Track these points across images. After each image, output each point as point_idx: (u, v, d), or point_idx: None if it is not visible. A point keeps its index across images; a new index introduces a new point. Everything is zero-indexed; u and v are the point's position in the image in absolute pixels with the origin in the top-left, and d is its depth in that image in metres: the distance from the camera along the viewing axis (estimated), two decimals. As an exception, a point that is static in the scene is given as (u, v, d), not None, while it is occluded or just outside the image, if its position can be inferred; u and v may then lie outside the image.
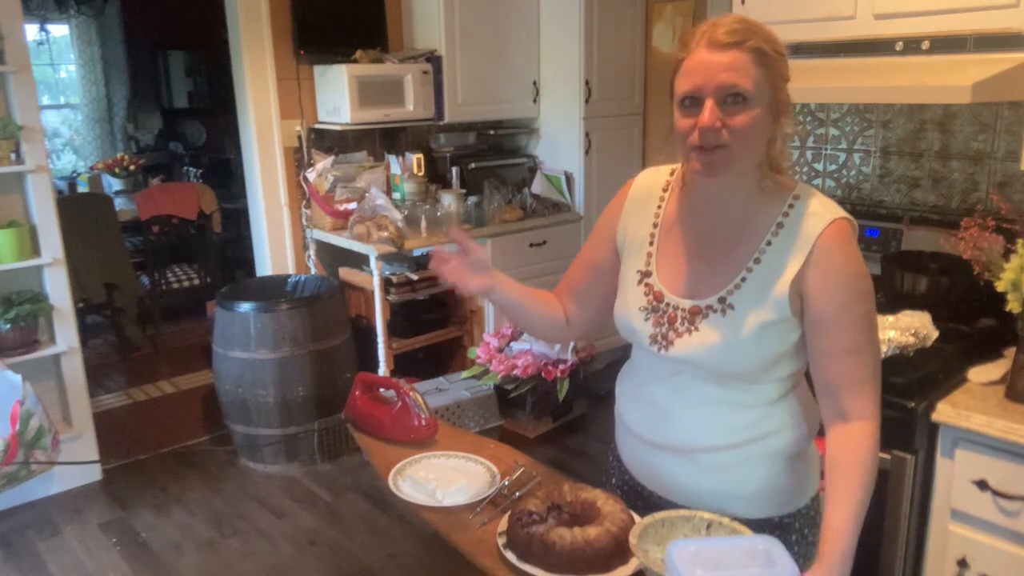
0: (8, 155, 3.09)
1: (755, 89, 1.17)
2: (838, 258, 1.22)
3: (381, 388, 1.84)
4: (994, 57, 1.85)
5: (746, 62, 1.16)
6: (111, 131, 7.59)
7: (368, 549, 2.97)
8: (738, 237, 1.28)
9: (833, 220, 1.23)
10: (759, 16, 2.25)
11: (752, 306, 1.24)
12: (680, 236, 1.34)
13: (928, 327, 1.97)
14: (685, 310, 1.29)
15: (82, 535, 3.10)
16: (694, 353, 1.27)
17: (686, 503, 1.35)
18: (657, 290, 1.33)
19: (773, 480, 1.32)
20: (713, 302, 1.27)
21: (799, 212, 1.24)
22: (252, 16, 3.63)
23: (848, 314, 1.22)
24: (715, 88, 1.17)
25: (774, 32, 1.21)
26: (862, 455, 1.22)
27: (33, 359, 3.24)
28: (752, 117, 1.18)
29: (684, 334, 1.28)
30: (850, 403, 1.24)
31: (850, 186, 2.67)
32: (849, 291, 1.22)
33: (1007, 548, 1.75)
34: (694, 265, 1.31)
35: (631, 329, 1.36)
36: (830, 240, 1.22)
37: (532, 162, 4.31)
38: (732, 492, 1.33)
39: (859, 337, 1.23)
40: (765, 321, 1.24)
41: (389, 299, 3.68)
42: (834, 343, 1.23)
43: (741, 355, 1.25)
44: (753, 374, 1.27)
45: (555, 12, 4.07)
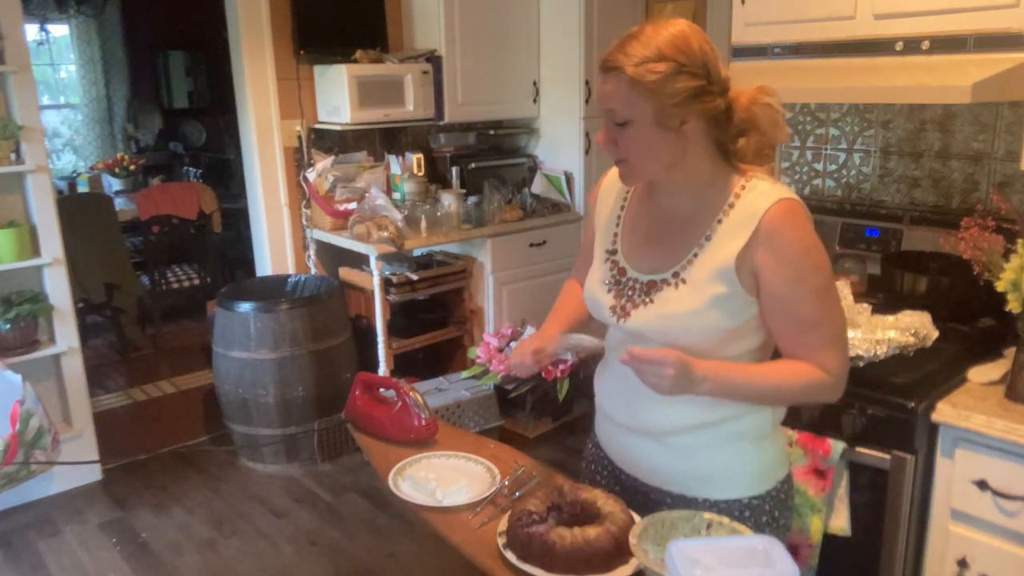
0: (8, 155, 3.09)
1: (631, 111, 1.26)
2: (785, 235, 1.28)
3: (381, 388, 1.84)
4: (994, 57, 1.85)
5: (621, 88, 1.25)
6: (111, 131, 7.59)
7: (368, 549, 2.97)
8: (692, 218, 1.36)
9: (779, 200, 1.29)
10: (759, 16, 2.27)
11: (702, 279, 1.32)
12: (642, 218, 1.44)
13: (928, 327, 1.97)
14: (643, 283, 1.39)
15: (82, 535, 3.10)
16: (648, 323, 1.36)
17: (660, 485, 1.43)
18: (621, 266, 1.43)
19: (740, 462, 1.40)
20: (668, 276, 1.36)
21: (748, 194, 1.32)
22: (252, 16, 3.63)
23: (801, 288, 1.28)
24: (604, 111, 1.30)
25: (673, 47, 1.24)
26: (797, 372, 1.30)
27: (33, 359, 3.24)
28: (633, 136, 1.28)
29: (640, 305, 1.37)
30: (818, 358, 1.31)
31: (850, 186, 2.67)
32: (799, 266, 1.28)
33: (1007, 548, 1.75)
34: (653, 244, 1.40)
35: (596, 301, 1.45)
36: (776, 218, 1.28)
37: (532, 162, 4.31)
38: (701, 474, 1.40)
39: (815, 309, 1.29)
40: (717, 294, 1.30)
41: (389, 299, 3.68)
42: (791, 317, 1.30)
43: (690, 325, 1.32)
44: (708, 348, 1.32)
45: (555, 12, 4.07)
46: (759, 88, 1.31)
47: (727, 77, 1.30)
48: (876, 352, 1.90)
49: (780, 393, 1.35)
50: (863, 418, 1.86)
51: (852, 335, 1.93)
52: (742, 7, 2.32)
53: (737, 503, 1.39)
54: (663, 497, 1.43)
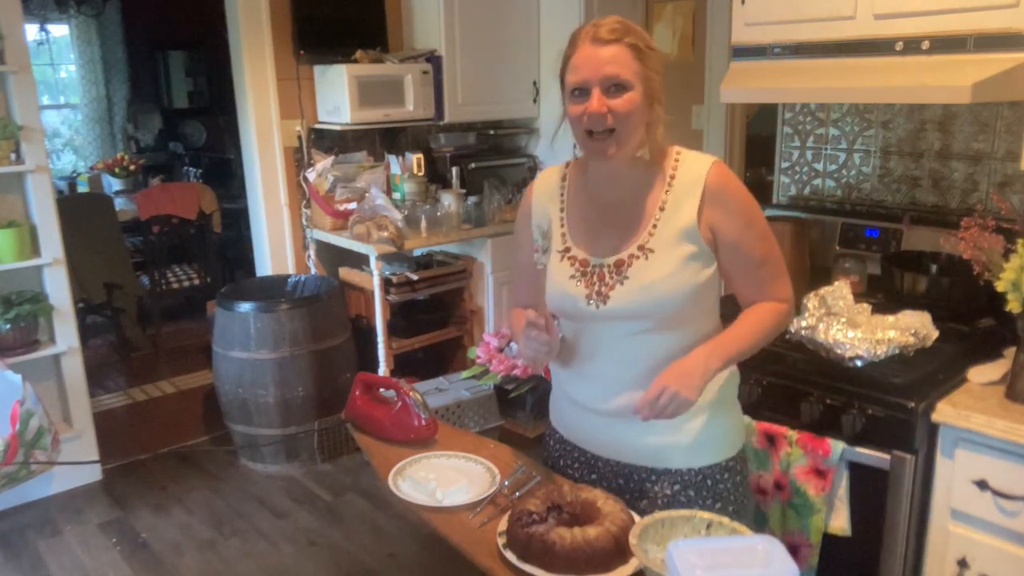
0: (8, 155, 3.09)
1: (634, 78, 1.36)
2: (730, 190, 1.44)
3: (381, 388, 1.84)
4: (994, 57, 1.85)
5: (626, 55, 1.36)
6: (111, 131, 7.59)
7: (368, 549, 2.97)
8: (639, 198, 1.46)
9: (713, 162, 1.44)
10: (759, 16, 2.27)
11: (669, 244, 1.42)
12: (587, 211, 1.51)
13: (928, 327, 1.97)
14: (611, 265, 1.45)
15: (82, 535, 3.10)
16: (630, 298, 1.42)
17: (642, 463, 1.50)
18: (581, 258, 1.48)
19: (719, 427, 1.51)
20: (634, 250, 1.44)
21: (683, 165, 1.45)
22: (252, 16, 3.63)
23: (751, 232, 1.44)
24: (600, 79, 1.36)
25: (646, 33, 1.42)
26: (764, 313, 1.46)
27: (33, 359, 3.24)
28: (631, 101, 1.36)
29: (615, 285, 1.44)
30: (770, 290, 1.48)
31: (850, 186, 2.67)
32: (746, 214, 1.44)
33: (1007, 548, 1.75)
34: (606, 230, 1.48)
35: (566, 296, 1.48)
36: (718, 177, 1.43)
37: (532, 162, 4.31)
38: (684, 445, 1.48)
39: (765, 247, 1.46)
40: (688, 253, 1.42)
41: (389, 299, 3.68)
42: (747, 258, 1.45)
43: (670, 289, 1.41)
44: (684, 311, 1.43)
45: (555, 12, 4.07)
46: None
47: None
48: (876, 352, 1.90)
49: (764, 335, 1.46)
50: (863, 418, 1.86)
51: (852, 335, 1.93)
52: (742, 7, 2.31)
53: (718, 466, 1.50)
54: (647, 475, 1.50)
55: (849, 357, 1.91)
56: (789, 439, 1.94)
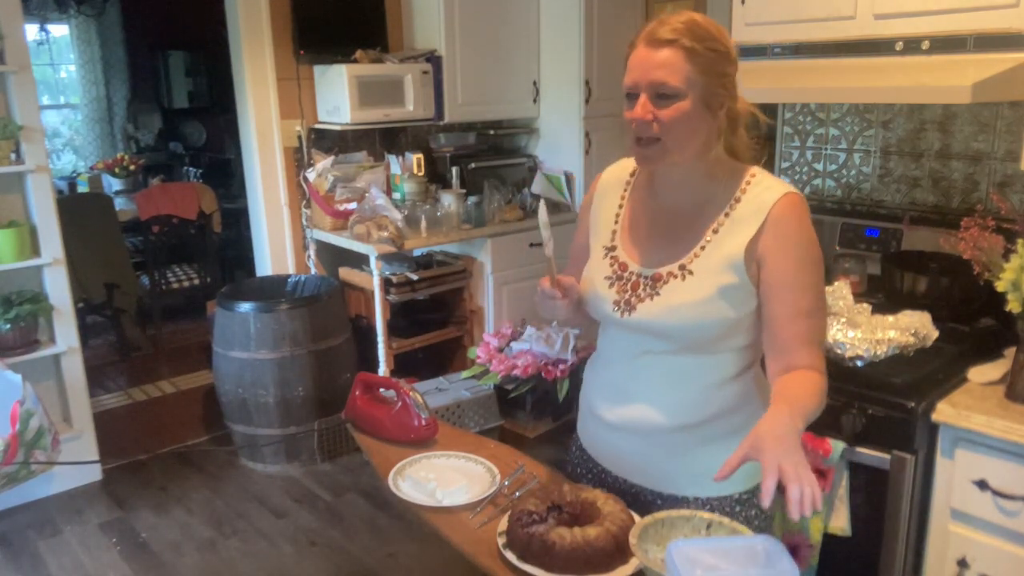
0: (8, 155, 3.09)
1: (684, 85, 1.25)
2: (791, 226, 1.30)
3: (381, 388, 1.84)
4: (994, 57, 1.85)
5: (678, 59, 1.24)
6: (111, 131, 7.59)
7: (368, 549, 2.97)
8: (698, 213, 1.36)
9: (785, 193, 1.31)
10: (759, 16, 2.27)
11: (711, 271, 1.32)
12: (643, 214, 1.44)
13: (928, 327, 1.97)
14: (648, 277, 1.37)
15: (82, 535, 3.10)
16: (655, 316, 1.35)
17: (650, 485, 1.43)
18: (622, 261, 1.42)
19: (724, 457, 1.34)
20: (674, 268, 1.35)
21: (755, 188, 1.33)
22: (252, 16, 3.63)
23: (802, 278, 1.30)
24: (648, 83, 1.27)
25: (720, 32, 1.28)
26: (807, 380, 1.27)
27: (33, 359, 3.24)
28: (679, 111, 1.26)
29: (646, 299, 1.36)
30: (799, 361, 1.29)
31: (850, 186, 2.67)
32: (803, 256, 1.30)
33: (1007, 548, 1.75)
34: (656, 239, 1.40)
35: (597, 296, 1.43)
36: (783, 210, 1.29)
37: (532, 162, 4.31)
38: (694, 472, 1.39)
39: (812, 301, 1.30)
40: (724, 284, 1.31)
41: (389, 299, 3.68)
42: (789, 305, 1.30)
43: (696, 316, 1.32)
44: (710, 341, 1.34)
45: (555, 12, 4.06)
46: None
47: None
48: (876, 352, 1.90)
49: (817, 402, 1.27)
50: (863, 418, 1.86)
51: (852, 335, 1.93)
52: (742, 7, 2.32)
53: (729, 499, 1.40)
54: (654, 498, 1.44)
55: (849, 357, 1.91)
56: (789, 439, 1.94)
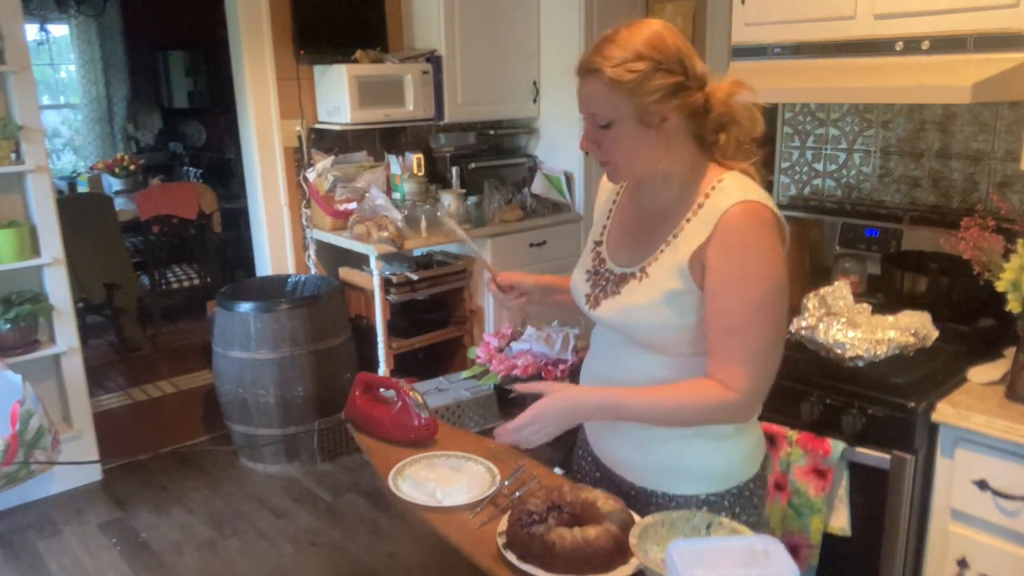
0: (8, 155, 3.09)
1: (612, 113, 1.28)
2: (738, 235, 1.27)
3: (381, 388, 1.84)
4: (994, 57, 1.85)
5: (600, 90, 1.27)
6: (111, 131, 7.59)
7: (368, 549, 2.97)
8: (665, 216, 1.38)
9: (742, 200, 1.27)
10: (759, 16, 2.26)
11: (663, 275, 1.34)
12: (628, 214, 1.48)
13: (928, 327, 1.97)
14: (616, 275, 1.42)
15: (82, 535, 3.10)
16: (611, 313, 1.40)
17: (626, 476, 1.47)
18: (602, 256, 1.47)
19: (700, 459, 1.40)
20: (636, 270, 1.39)
21: (716, 195, 1.31)
22: (252, 16, 3.63)
23: (733, 292, 1.27)
24: (586, 114, 1.32)
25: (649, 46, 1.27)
26: (696, 390, 1.30)
27: (33, 359, 3.24)
28: (615, 137, 1.30)
29: (610, 296, 1.41)
30: (726, 373, 1.28)
31: (850, 186, 2.67)
32: (740, 269, 1.27)
33: (1007, 548, 1.75)
34: (631, 239, 1.44)
35: (576, 288, 1.50)
36: (733, 218, 1.27)
37: (532, 162, 4.31)
38: (660, 468, 1.42)
39: (743, 318, 1.27)
40: (672, 289, 1.32)
41: (389, 299, 3.68)
42: (720, 318, 1.28)
43: (645, 318, 1.35)
44: (661, 341, 1.35)
45: (555, 12, 4.07)
46: (734, 82, 1.33)
47: (704, 72, 1.32)
48: (876, 352, 1.90)
49: (678, 414, 1.32)
50: (863, 418, 1.86)
51: (852, 335, 1.93)
52: (742, 7, 2.31)
53: (694, 498, 1.41)
54: (628, 488, 1.47)
55: (849, 357, 1.91)
56: (789, 439, 1.94)
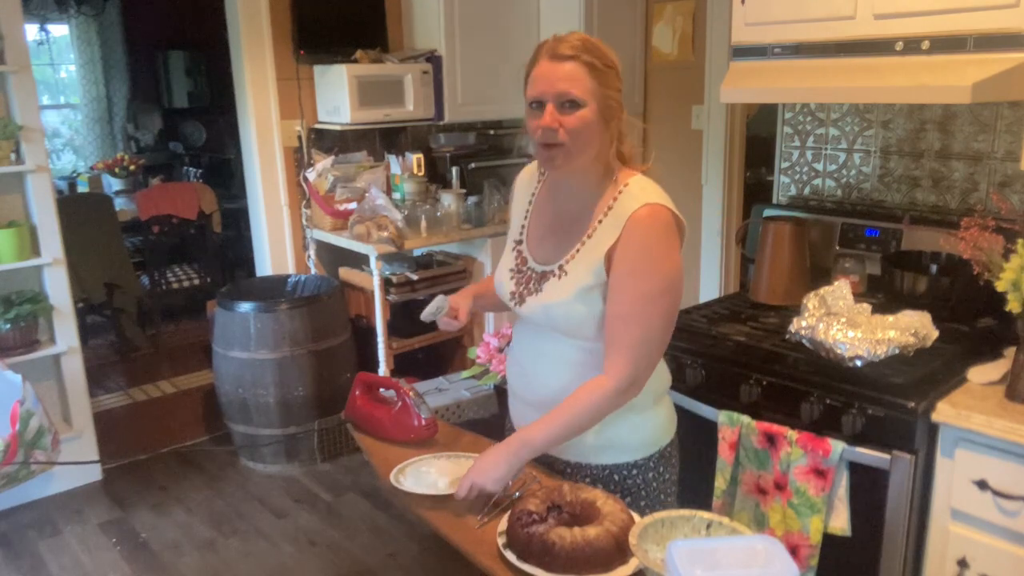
0: (8, 155, 3.09)
1: (587, 96, 1.38)
2: (637, 234, 1.41)
3: (381, 388, 1.84)
4: (994, 57, 1.85)
5: (580, 73, 1.38)
6: (111, 131, 7.59)
7: (368, 549, 2.97)
8: (581, 216, 1.50)
9: (644, 204, 1.42)
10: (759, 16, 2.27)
11: (578, 272, 1.47)
12: (544, 214, 1.58)
13: (928, 327, 1.97)
14: (537, 273, 1.53)
15: (82, 535, 3.10)
16: (536, 309, 1.51)
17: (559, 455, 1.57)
18: (524, 255, 1.58)
19: (629, 431, 1.54)
20: (555, 268, 1.51)
21: (623, 198, 1.45)
22: (252, 16, 3.63)
23: (628, 283, 1.41)
24: (554, 94, 1.39)
25: (608, 49, 1.43)
26: (582, 397, 1.44)
27: (33, 359, 3.24)
28: (582, 119, 1.39)
29: (534, 293, 1.52)
30: (608, 360, 1.44)
31: (850, 186, 2.67)
32: (636, 263, 1.41)
33: (1007, 548, 1.75)
34: (550, 237, 1.55)
35: (501, 286, 1.61)
36: (636, 220, 1.41)
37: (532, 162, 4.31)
38: (596, 444, 1.54)
39: (632, 308, 1.41)
40: (584, 285, 1.45)
41: (389, 299, 3.68)
42: (611, 304, 1.43)
43: (567, 312, 1.47)
44: (582, 332, 1.48)
45: (555, 12, 4.06)
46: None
47: None
48: (876, 352, 1.89)
49: (584, 418, 1.45)
50: (863, 418, 1.86)
51: (852, 335, 1.93)
52: (742, 7, 2.31)
53: (627, 465, 1.56)
54: (563, 466, 1.58)
55: (849, 357, 1.91)
56: (789, 439, 1.94)
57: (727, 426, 2.04)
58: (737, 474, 2.06)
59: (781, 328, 2.16)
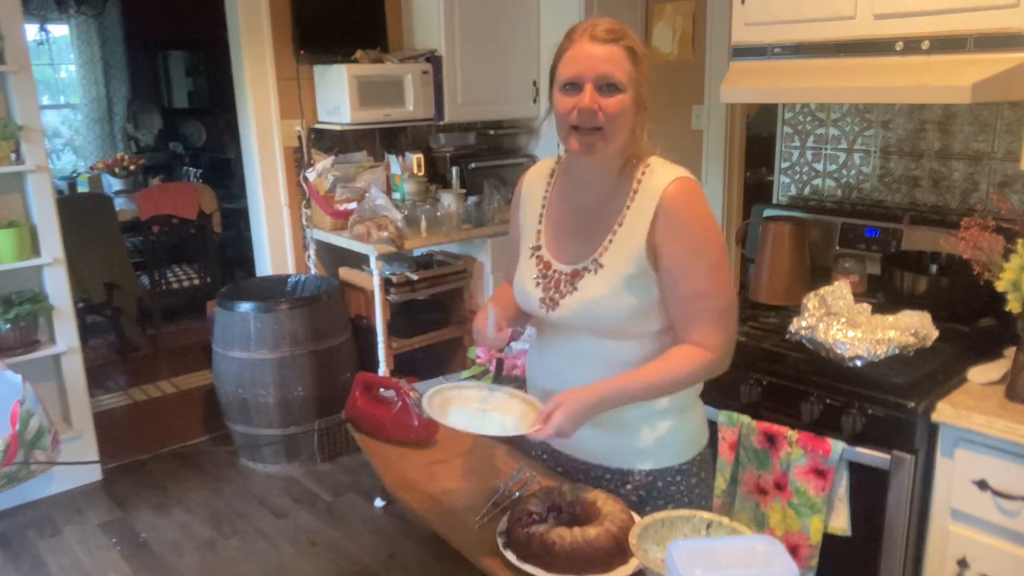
0: (8, 155, 3.09)
1: (627, 80, 1.36)
2: (682, 211, 1.39)
3: (381, 388, 1.84)
4: (994, 57, 1.85)
5: (622, 56, 1.36)
6: (111, 131, 7.59)
7: (368, 549, 2.97)
8: (605, 208, 1.46)
9: (675, 179, 1.40)
10: (759, 16, 2.27)
11: (617, 263, 1.42)
12: (561, 213, 1.53)
13: (928, 327, 1.97)
14: (567, 274, 1.48)
15: (82, 535, 3.10)
16: (574, 309, 1.45)
17: (599, 461, 1.52)
18: (546, 260, 1.52)
19: (669, 434, 1.50)
20: (588, 263, 1.45)
21: (647, 179, 1.43)
22: (252, 16, 3.63)
23: (695, 263, 1.39)
24: (595, 76, 1.35)
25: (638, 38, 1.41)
26: (679, 361, 1.40)
27: (33, 359, 3.24)
28: (621, 103, 1.36)
29: (567, 295, 1.46)
30: (698, 335, 1.41)
31: (850, 186, 2.67)
32: (694, 241, 1.39)
33: (1007, 548, 1.75)
34: (573, 236, 1.50)
35: (527, 296, 1.53)
36: (672, 196, 1.39)
37: (532, 162, 4.30)
38: (636, 448, 1.50)
39: (706, 283, 1.39)
40: (628, 274, 1.41)
41: (389, 299, 3.67)
42: (683, 290, 1.40)
43: (614, 306, 1.41)
44: (626, 327, 1.44)
45: (555, 12, 4.06)
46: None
47: None
48: (876, 352, 1.90)
49: (674, 383, 1.43)
50: (863, 418, 1.86)
51: (852, 335, 1.93)
52: (742, 7, 2.31)
53: (669, 470, 1.51)
54: (602, 472, 1.53)
55: (849, 357, 1.91)
56: (789, 439, 1.94)
57: (727, 426, 2.04)
58: (737, 474, 2.06)
59: (781, 328, 2.16)
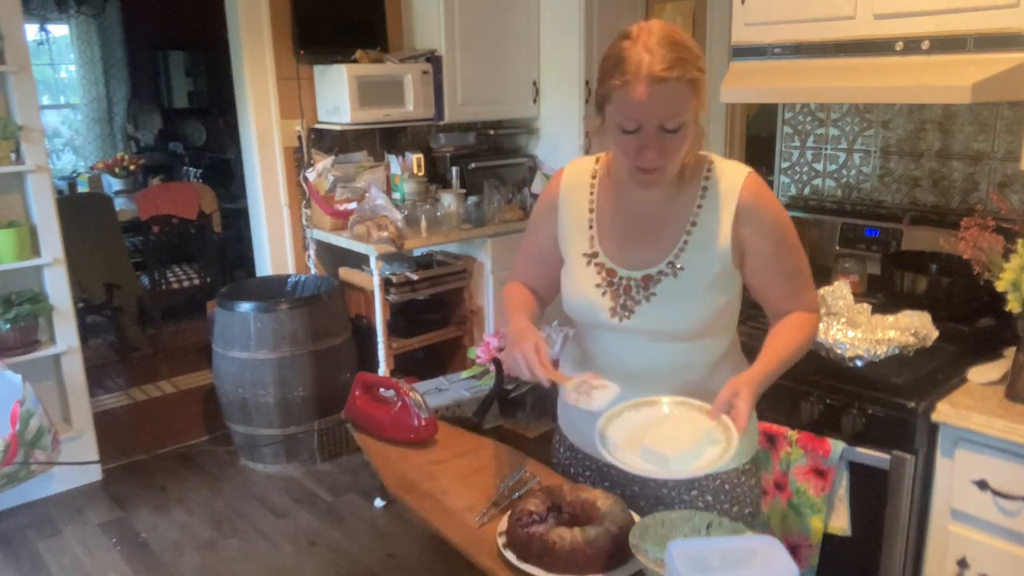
0: (8, 155, 3.09)
1: (688, 116, 1.28)
2: (764, 206, 1.40)
3: (381, 388, 1.84)
4: (994, 57, 1.85)
5: (683, 95, 1.26)
6: (111, 131, 7.58)
7: (368, 549, 2.97)
8: (670, 209, 1.42)
9: (747, 174, 1.40)
10: (759, 16, 2.27)
11: (698, 263, 1.39)
12: (617, 217, 1.46)
13: (928, 327, 1.97)
14: (638, 279, 1.41)
15: (82, 535, 3.10)
16: (656, 316, 1.40)
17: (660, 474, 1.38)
18: (609, 267, 1.44)
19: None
20: (663, 267, 1.40)
21: (716, 174, 1.41)
22: (252, 16, 3.63)
23: (783, 248, 1.43)
24: (658, 124, 1.27)
25: (692, 42, 1.31)
26: (798, 332, 1.42)
27: (33, 359, 3.24)
28: (683, 139, 1.30)
29: (642, 301, 1.41)
30: (799, 301, 1.46)
31: (850, 186, 2.67)
32: (779, 228, 1.42)
33: (1007, 548, 1.75)
34: (636, 241, 1.44)
35: (589, 305, 1.45)
36: (753, 194, 1.39)
37: (532, 162, 4.31)
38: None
39: (798, 260, 1.46)
40: (714, 273, 1.39)
41: (389, 299, 3.67)
42: (780, 273, 1.44)
43: (697, 309, 1.39)
44: (708, 327, 1.42)
45: (555, 12, 4.06)
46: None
47: None
48: (876, 352, 1.90)
49: (802, 348, 1.43)
50: (863, 418, 1.86)
51: (852, 335, 1.93)
52: (742, 7, 2.31)
53: (736, 472, 1.48)
54: (660, 484, 1.48)
55: (849, 357, 1.91)
56: (789, 439, 1.94)
57: (727, 426, 2.04)
58: (737, 474, 2.06)
59: (781, 328, 2.15)
